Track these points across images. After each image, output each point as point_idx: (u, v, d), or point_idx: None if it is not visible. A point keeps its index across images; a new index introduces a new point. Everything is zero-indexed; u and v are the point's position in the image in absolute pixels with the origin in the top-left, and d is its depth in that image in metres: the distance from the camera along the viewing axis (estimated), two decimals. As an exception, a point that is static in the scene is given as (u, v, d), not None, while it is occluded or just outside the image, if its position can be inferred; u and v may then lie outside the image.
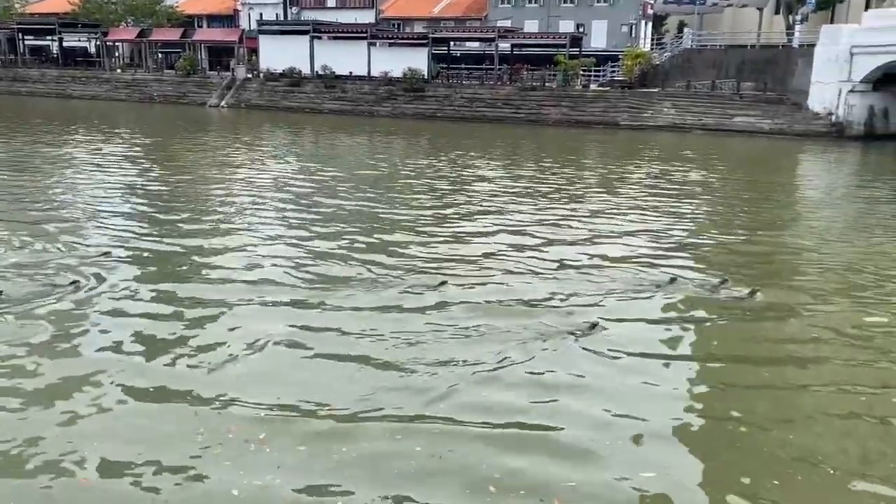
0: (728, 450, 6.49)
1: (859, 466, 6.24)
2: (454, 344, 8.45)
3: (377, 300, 9.87)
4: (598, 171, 24.08)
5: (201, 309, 9.39)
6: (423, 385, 7.36)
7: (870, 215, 17.81)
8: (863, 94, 34.54)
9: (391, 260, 11.92)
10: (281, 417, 6.68)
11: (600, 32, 51.71)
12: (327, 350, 8.20)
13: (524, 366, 7.90)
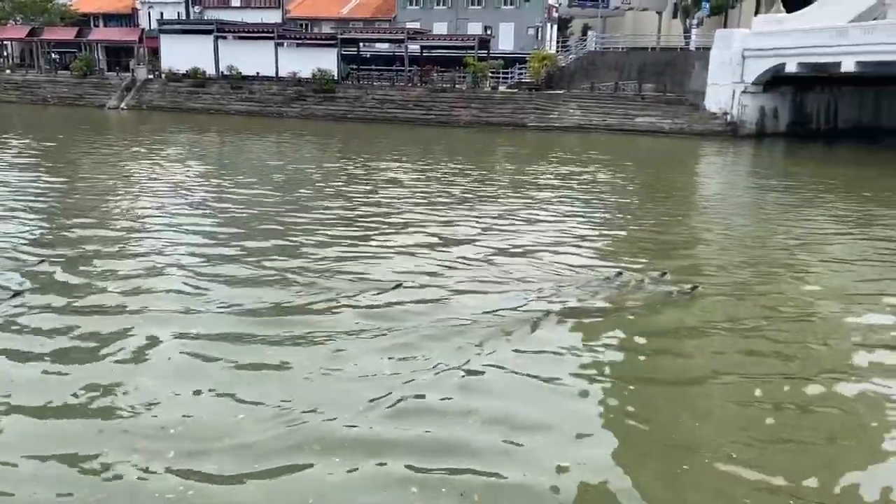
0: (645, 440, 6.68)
1: (758, 456, 6.50)
2: (376, 352, 8.27)
3: (286, 310, 9.61)
4: (512, 173, 24.40)
5: (98, 320, 8.94)
6: (340, 399, 7.14)
7: (768, 206, 18.84)
8: (754, 96, 36.41)
9: (300, 267, 11.59)
10: (188, 434, 6.41)
11: (508, 35, 52.54)
12: (235, 363, 7.90)
13: (457, 371, 7.82)
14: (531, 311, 9.85)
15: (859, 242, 15.08)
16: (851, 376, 8.18)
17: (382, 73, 49.34)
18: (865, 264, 13.18)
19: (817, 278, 12.06)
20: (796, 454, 6.51)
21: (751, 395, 7.60)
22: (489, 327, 9.15)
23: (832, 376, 8.06)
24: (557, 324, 9.48)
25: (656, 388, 7.81)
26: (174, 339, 8.37)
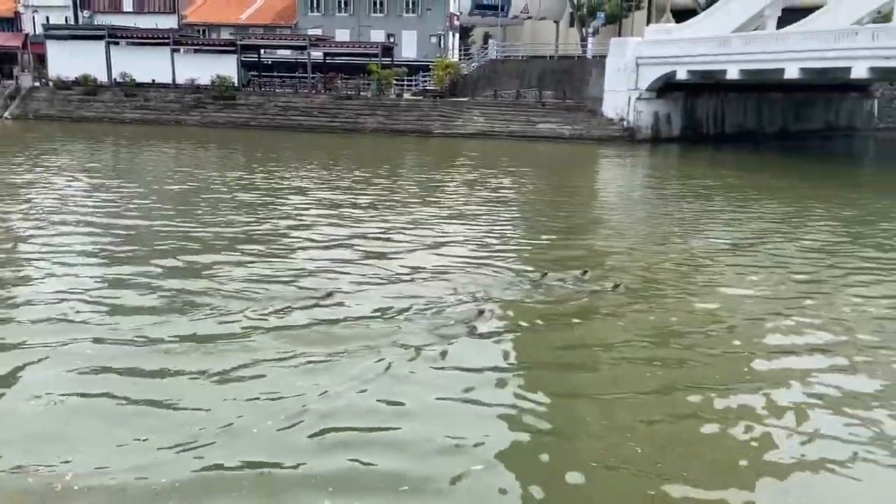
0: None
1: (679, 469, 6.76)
2: (293, 373, 8.03)
3: (187, 330, 9.16)
4: (421, 180, 24.52)
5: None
6: (242, 425, 6.88)
7: (667, 207, 19.68)
8: (649, 102, 37.97)
9: (202, 285, 11.09)
10: (83, 475, 6.03)
11: (411, 43, 52.78)
12: (134, 395, 7.41)
13: (377, 387, 7.72)
14: (455, 318, 9.93)
15: (750, 240, 15.98)
16: (755, 380, 8.65)
17: (285, 80, 48.56)
18: (758, 260, 14.00)
19: (719, 276, 12.74)
20: (700, 459, 6.83)
21: (661, 399, 7.89)
22: (410, 339, 9.07)
23: (739, 382, 8.43)
24: (483, 328, 9.57)
25: (581, 398, 7.92)
26: (57, 374, 7.73)
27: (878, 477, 6.40)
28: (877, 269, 13.34)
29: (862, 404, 7.63)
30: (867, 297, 11.40)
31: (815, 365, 8.79)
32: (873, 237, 16.36)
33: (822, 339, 9.53)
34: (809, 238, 16.08)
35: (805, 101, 44.51)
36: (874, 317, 10.46)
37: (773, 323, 10.22)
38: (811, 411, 7.55)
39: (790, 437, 6.99)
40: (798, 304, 11.03)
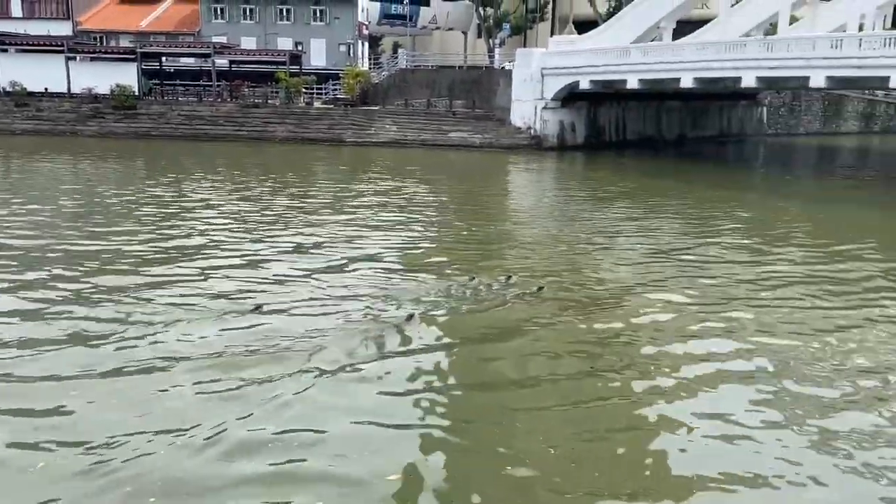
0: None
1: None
2: (198, 397, 7.82)
3: (90, 358, 8.69)
4: (335, 189, 24.31)
5: None
6: (152, 456, 6.71)
7: (576, 211, 20.29)
8: (554, 111, 39.02)
9: (103, 310, 10.56)
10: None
11: (319, 51, 52.36)
12: (31, 431, 7.01)
13: (293, 401, 7.66)
14: (382, 326, 9.98)
15: (658, 244, 16.68)
16: (665, 376, 9.08)
17: (188, 89, 47.17)
18: (659, 261, 14.65)
19: (630, 277, 13.25)
20: (607, 459, 7.12)
21: (582, 411, 8.15)
22: (333, 353, 8.98)
23: (651, 393, 8.83)
24: (412, 335, 9.68)
25: (503, 405, 8.05)
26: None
27: (785, 480, 6.80)
28: (787, 273, 14.06)
29: (778, 412, 8.01)
30: (783, 298, 12.05)
31: (729, 366, 9.28)
32: (775, 239, 17.38)
33: (734, 344, 10.02)
34: (715, 240, 16.96)
35: (701, 109, 46.83)
36: (789, 321, 11.02)
37: (684, 327, 10.74)
38: (723, 417, 7.99)
39: (706, 445, 7.29)
40: (709, 306, 11.65)
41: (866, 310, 11.53)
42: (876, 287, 12.89)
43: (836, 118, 55.12)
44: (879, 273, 13.84)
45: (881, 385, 8.60)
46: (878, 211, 22.93)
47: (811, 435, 7.32)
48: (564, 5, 60.59)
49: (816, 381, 8.61)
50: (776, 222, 19.60)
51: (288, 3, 52.25)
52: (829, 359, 9.36)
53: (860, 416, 7.73)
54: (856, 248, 16.15)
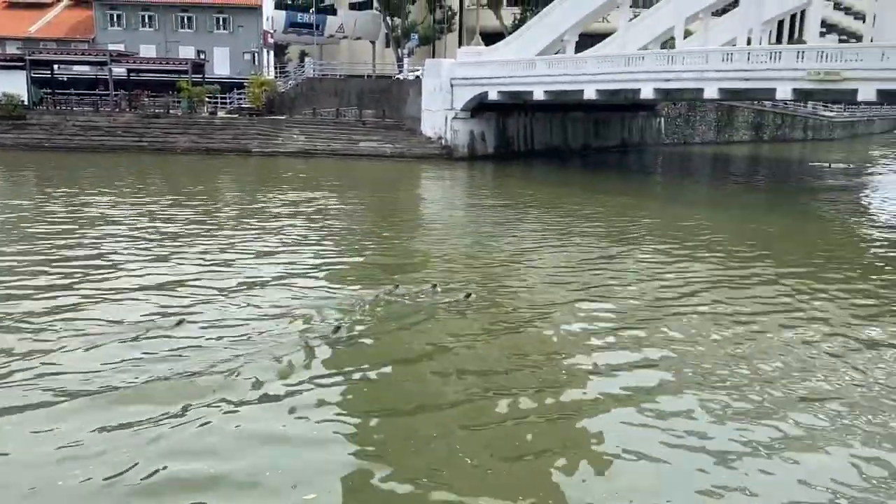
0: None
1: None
2: (112, 415, 7.56)
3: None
4: (242, 201, 23.72)
5: None
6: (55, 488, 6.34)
7: (489, 220, 20.51)
8: (464, 121, 39.43)
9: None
10: None
11: (223, 59, 51.08)
12: None
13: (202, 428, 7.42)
14: (307, 339, 9.88)
15: (563, 248, 17.07)
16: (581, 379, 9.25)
17: (84, 98, 45.02)
18: (572, 270, 14.99)
19: (542, 285, 13.48)
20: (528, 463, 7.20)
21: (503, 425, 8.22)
22: (252, 370, 8.80)
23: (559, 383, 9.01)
24: (338, 346, 9.58)
25: (423, 424, 8.02)
26: None
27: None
28: (693, 279, 14.64)
29: (690, 422, 8.33)
30: (691, 305, 12.54)
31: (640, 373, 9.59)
32: (679, 246, 18.09)
33: (647, 352, 10.38)
34: (623, 248, 17.49)
35: (604, 120, 48.40)
36: (699, 327, 11.47)
37: (597, 337, 11.02)
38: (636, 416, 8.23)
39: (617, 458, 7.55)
40: (621, 315, 11.99)
41: (771, 315, 12.13)
42: (776, 291, 13.60)
43: (729, 128, 58.12)
44: (775, 276, 14.64)
45: (788, 391, 9.07)
46: (769, 216, 24.27)
47: (718, 444, 7.61)
48: (471, 17, 61.47)
49: (727, 389, 8.98)
50: (678, 230, 20.43)
51: (189, 11, 50.77)
52: (736, 365, 9.81)
53: (767, 423, 8.12)
54: (753, 253, 17.05)
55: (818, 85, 26.70)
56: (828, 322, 11.60)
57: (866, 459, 7.25)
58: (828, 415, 8.24)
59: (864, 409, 8.36)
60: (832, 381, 9.21)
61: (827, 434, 7.78)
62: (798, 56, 26.94)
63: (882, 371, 9.55)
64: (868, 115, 78.21)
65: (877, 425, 7.98)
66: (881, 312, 12.36)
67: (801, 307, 12.47)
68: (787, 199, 29.48)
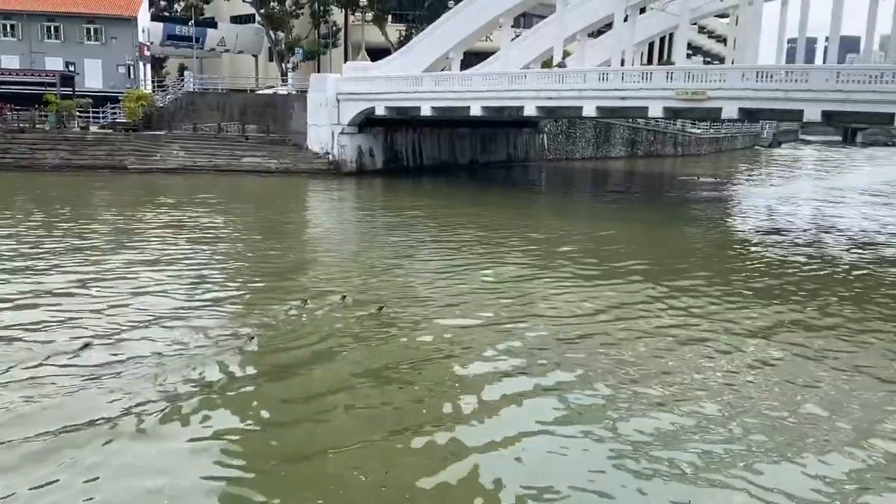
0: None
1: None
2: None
3: None
4: (121, 220, 22.56)
5: None
6: None
7: (380, 234, 20.47)
8: (352, 136, 39.29)
9: None
10: None
11: (95, 72, 48.61)
12: None
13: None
14: (209, 358, 9.62)
15: (452, 260, 17.29)
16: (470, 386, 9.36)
17: (-64, 112, 41.58)
18: (461, 281, 15.20)
19: (439, 298, 13.58)
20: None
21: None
22: (146, 400, 8.44)
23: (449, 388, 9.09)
24: (239, 365, 9.42)
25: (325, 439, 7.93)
26: None
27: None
28: (574, 288, 15.20)
29: (578, 427, 8.62)
30: (574, 315, 12.98)
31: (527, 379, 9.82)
32: (561, 256, 18.69)
33: (533, 360, 10.66)
34: (510, 260, 17.90)
35: (490, 136, 49.55)
36: (580, 334, 11.91)
37: (487, 345, 11.22)
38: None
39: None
40: (507, 324, 12.26)
41: (642, 321, 12.78)
42: (651, 297, 14.33)
43: (606, 144, 60.86)
44: (651, 286, 15.43)
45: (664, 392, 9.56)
46: (643, 224, 25.57)
47: (603, 446, 7.93)
48: (357, 32, 61.46)
49: (605, 393, 9.37)
50: (562, 241, 21.14)
51: (56, 21, 48.05)
52: (617, 370, 10.25)
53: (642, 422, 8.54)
54: (629, 263, 17.87)
55: (686, 104, 28.47)
56: (693, 316, 12.37)
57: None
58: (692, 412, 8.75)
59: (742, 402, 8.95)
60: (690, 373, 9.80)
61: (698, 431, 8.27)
62: (668, 77, 28.62)
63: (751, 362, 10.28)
64: (731, 132, 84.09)
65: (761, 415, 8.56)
66: (747, 305, 13.30)
67: (663, 302, 13.44)
68: (660, 210, 31.17)
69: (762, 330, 12.10)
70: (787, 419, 8.59)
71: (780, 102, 26.24)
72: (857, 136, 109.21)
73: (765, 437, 8.08)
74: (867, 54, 36.56)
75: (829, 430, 8.35)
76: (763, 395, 9.30)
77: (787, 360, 10.72)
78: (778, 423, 8.46)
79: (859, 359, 10.81)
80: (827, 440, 8.09)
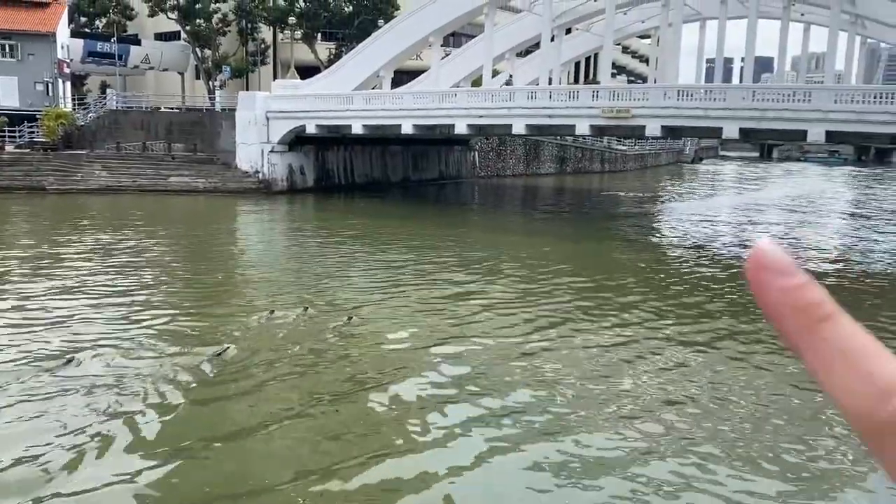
0: None
1: None
2: None
3: None
4: (38, 246, 21.58)
5: None
6: None
7: (314, 252, 20.21)
8: (282, 154, 38.82)
9: None
10: None
11: (11, 90, 46.64)
12: None
13: None
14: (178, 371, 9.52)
15: (394, 282, 17.25)
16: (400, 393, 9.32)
17: None
18: (396, 296, 15.16)
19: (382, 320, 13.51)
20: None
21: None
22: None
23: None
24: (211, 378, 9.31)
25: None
26: None
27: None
28: (506, 300, 15.37)
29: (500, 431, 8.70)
30: (507, 326, 13.12)
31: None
32: (492, 272, 18.86)
33: (464, 369, 10.72)
34: (444, 278, 17.96)
35: (422, 153, 49.75)
36: (511, 342, 12.03)
37: (422, 354, 11.20)
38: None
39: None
40: (441, 332, 12.28)
41: (579, 337, 13.02)
42: (586, 313, 14.62)
43: (536, 161, 61.93)
44: (586, 302, 15.74)
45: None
46: (573, 239, 26.09)
47: (546, 468, 8.01)
48: (286, 50, 60.94)
49: (543, 414, 9.49)
50: (495, 258, 21.36)
51: (-32, 35, 46.02)
52: (557, 387, 10.39)
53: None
54: (564, 280, 18.20)
55: (612, 121, 29.29)
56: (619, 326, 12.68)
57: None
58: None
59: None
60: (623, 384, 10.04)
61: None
62: (593, 95, 29.41)
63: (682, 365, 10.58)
64: (655, 148, 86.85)
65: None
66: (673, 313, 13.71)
67: (597, 318, 13.66)
68: (590, 224, 31.89)
69: (698, 343, 12.48)
70: (734, 431, 8.87)
71: (700, 120, 27.29)
72: (773, 152, 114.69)
73: (715, 448, 8.31)
74: (780, 74, 38.45)
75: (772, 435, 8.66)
76: (706, 408, 9.58)
77: (723, 370, 11.08)
78: (726, 434, 8.73)
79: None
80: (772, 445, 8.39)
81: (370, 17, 53.17)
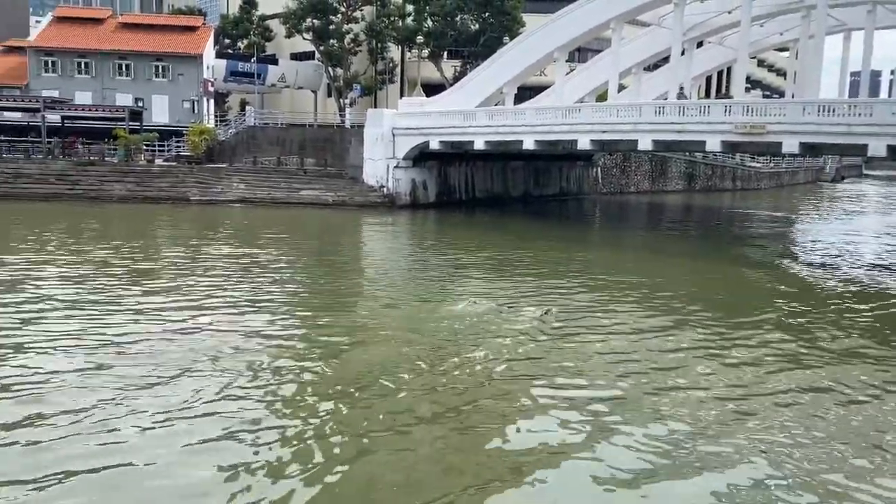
0: None
1: None
2: None
3: None
4: (188, 250, 23.17)
5: None
6: None
7: (437, 265, 20.56)
8: (406, 170, 39.76)
9: None
10: None
11: (161, 107, 50.55)
12: None
13: None
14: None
15: (496, 283, 17.24)
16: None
17: (14, 145, 43.74)
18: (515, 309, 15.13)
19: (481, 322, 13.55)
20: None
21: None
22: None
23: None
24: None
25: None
26: None
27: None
28: (642, 317, 15.00)
29: None
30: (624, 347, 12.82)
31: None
32: (625, 290, 18.43)
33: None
34: (575, 294, 17.72)
35: (543, 169, 49.52)
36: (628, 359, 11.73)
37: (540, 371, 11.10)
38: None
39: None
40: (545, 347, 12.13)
41: (716, 361, 12.47)
42: (721, 339, 13.99)
43: (663, 178, 60.12)
44: (705, 319, 15.07)
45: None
46: (702, 261, 25.03)
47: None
48: (413, 69, 62.51)
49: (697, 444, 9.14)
50: (620, 274, 20.85)
51: (127, 59, 50.29)
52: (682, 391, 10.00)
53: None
54: (695, 306, 17.51)
55: (745, 137, 27.95)
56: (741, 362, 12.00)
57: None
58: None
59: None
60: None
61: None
62: (726, 110, 28.21)
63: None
64: (793, 166, 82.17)
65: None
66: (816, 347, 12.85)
67: (719, 345, 13.01)
68: (720, 245, 30.49)
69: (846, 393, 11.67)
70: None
71: (842, 137, 25.53)
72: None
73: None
74: (936, 87, 35.46)
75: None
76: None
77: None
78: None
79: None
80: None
81: (496, 35, 53.56)
